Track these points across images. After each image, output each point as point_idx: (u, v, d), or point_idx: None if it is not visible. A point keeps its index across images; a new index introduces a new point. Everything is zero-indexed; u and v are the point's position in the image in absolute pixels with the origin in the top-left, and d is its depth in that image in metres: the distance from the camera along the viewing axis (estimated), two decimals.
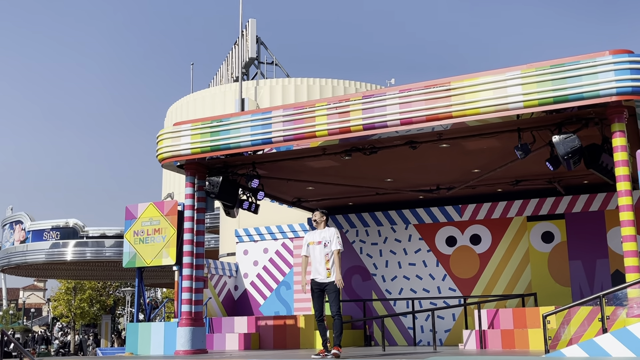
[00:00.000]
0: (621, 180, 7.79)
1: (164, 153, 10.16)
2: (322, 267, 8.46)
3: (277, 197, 13.11)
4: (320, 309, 8.49)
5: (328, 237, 8.58)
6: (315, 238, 8.65)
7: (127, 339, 10.72)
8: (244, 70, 28.72)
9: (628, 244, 7.64)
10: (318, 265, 8.51)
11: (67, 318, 45.30)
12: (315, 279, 8.51)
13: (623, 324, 6.99)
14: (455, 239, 13.16)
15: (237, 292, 14.74)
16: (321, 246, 8.54)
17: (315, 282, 8.52)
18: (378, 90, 9.06)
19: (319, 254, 8.54)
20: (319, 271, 8.49)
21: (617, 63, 7.56)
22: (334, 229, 8.69)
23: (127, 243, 11.30)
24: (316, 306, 8.51)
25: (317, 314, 8.49)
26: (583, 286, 11.97)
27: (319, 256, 8.54)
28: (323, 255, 8.50)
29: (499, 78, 8.10)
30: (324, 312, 8.53)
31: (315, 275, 8.53)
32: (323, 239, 8.56)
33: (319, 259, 8.52)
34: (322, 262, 8.48)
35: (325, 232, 8.65)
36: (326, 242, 8.54)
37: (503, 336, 10.11)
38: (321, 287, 8.49)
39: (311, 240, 8.68)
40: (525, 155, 8.58)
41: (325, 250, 8.51)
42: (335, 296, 8.38)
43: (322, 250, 8.52)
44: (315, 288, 8.52)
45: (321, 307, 8.50)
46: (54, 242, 26.34)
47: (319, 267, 8.50)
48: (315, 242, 8.61)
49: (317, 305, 8.50)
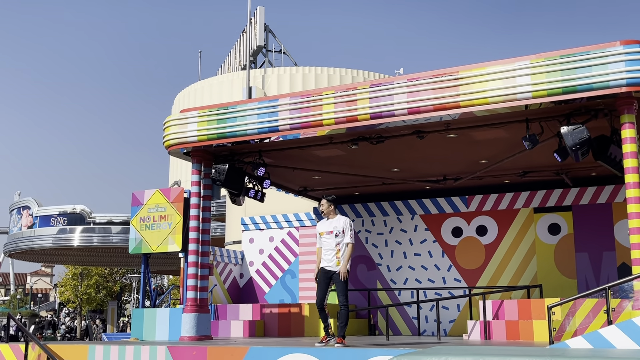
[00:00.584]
0: (629, 173, 7.74)
1: (170, 140, 10.16)
2: (333, 256, 8.37)
3: (283, 185, 13.10)
4: (322, 296, 8.42)
5: (340, 226, 8.44)
6: (326, 227, 8.51)
7: (132, 324, 10.79)
8: (251, 59, 28.64)
9: (635, 236, 7.60)
10: (329, 254, 8.42)
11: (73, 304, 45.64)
12: (325, 267, 8.43)
13: (628, 316, 6.97)
14: (461, 230, 13.13)
15: (242, 279, 14.78)
16: (332, 235, 8.42)
17: (324, 270, 8.43)
18: (386, 79, 9.01)
19: (329, 243, 8.43)
20: (328, 260, 8.40)
21: (628, 54, 7.49)
22: (346, 219, 8.53)
23: (133, 229, 11.33)
24: (319, 293, 8.43)
25: (318, 300, 8.43)
26: (589, 278, 11.93)
27: (329, 245, 8.43)
28: (334, 245, 8.39)
29: (507, 68, 8.04)
30: (325, 300, 8.47)
31: (324, 263, 8.44)
32: (335, 229, 8.43)
33: (330, 249, 8.42)
34: (334, 251, 8.38)
35: (336, 221, 8.51)
36: (338, 231, 8.41)
37: (507, 327, 10.10)
38: (329, 276, 8.41)
39: (322, 230, 8.55)
40: (533, 146, 8.53)
41: (337, 239, 8.38)
42: (343, 286, 8.29)
43: (333, 239, 8.41)
44: (322, 276, 8.43)
45: (324, 295, 8.43)
46: (61, 228, 26.48)
47: (329, 256, 8.41)
48: (327, 232, 8.48)
49: (321, 292, 8.42)
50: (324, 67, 27.52)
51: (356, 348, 7.58)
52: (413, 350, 6.52)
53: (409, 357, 5.85)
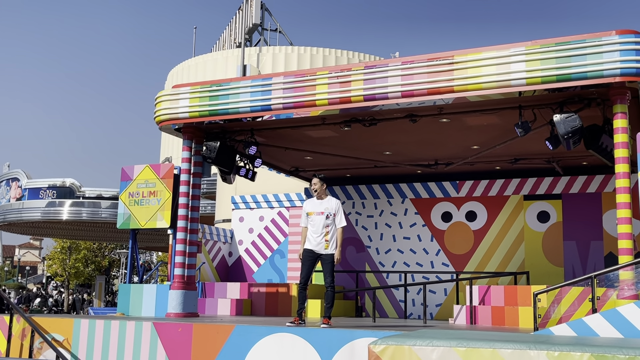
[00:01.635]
0: (620, 163, 7.77)
1: (162, 115, 10.10)
2: (321, 238, 8.23)
3: (275, 165, 13.09)
4: (307, 277, 8.30)
5: (332, 208, 8.28)
6: (317, 208, 8.33)
7: (118, 299, 10.79)
8: (247, 37, 28.43)
9: (623, 226, 7.65)
10: (317, 235, 8.25)
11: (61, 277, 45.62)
12: (311, 248, 8.28)
13: (613, 305, 7.03)
14: (450, 215, 13.17)
15: (231, 258, 14.80)
16: (323, 217, 8.25)
17: (310, 251, 8.29)
18: (380, 61, 8.98)
19: (319, 224, 8.26)
20: (316, 241, 8.25)
21: (623, 43, 7.48)
22: (337, 201, 8.41)
23: (121, 204, 11.30)
24: (304, 273, 8.30)
25: (302, 280, 8.30)
26: (576, 267, 12.03)
27: (318, 226, 8.26)
28: (323, 227, 8.24)
29: (502, 54, 8.02)
30: (309, 281, 8.39)
31: (311, 244, 8.28)
32: (326, 210, 8.27)
33: (319, 230, 8.25)
34: (322, 233, 8.23)
35: (328, 202, 8.35)
36: (329, 213, 8.25)
37: (493, 313, 10.17)
38: (314, 257, 8.29)
39: (311, 210, 8.35)
40: (525, 133, 8.54)
41: (327, 221, 8.24)
42: (331, 268, 8.21)
43: (323, 221, 8.24)
44: (308, 256, 8.30)
45: (308, 275, 8.33)
46: (50, 201, 26.37)
47: (317, 237, 8.25)
48: (317, 212, 8.30)
49: (306, 273, 8.29)
50: (320, 48, 27.36)
51: (342, 329, 7.62)
52: (398, 333, 6.56)
53: (394, 339, 5.89)
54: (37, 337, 8.89)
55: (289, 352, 7.45)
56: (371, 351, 5.87)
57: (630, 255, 7.55)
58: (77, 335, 8.76)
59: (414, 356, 5.68)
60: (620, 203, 7.70)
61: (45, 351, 8.81)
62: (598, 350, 5.19)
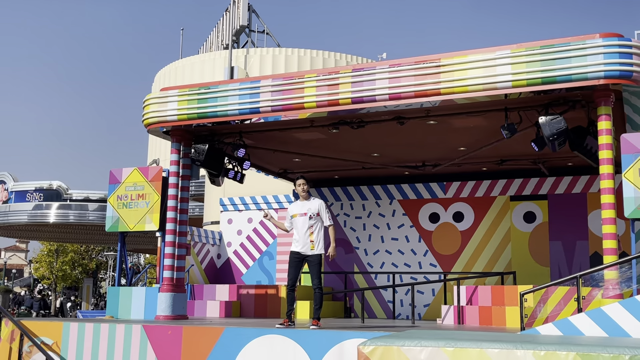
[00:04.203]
0: (604, 164, 7.86)
1: (150, 118, 10.10)
2: (306, 239, 8.31)
3: (263, 167, 13.12)
4: (294, 278, 8.38)
5: (315, 208, 8.40)
6: (300, 209, 8.44)
7: (107, 302, 10.77)
8: (234, 38, 28.46)
9: (607, 226, 7.74)
10: (301, 237, 8.35)
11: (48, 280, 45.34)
12: (298, 250, 8.36)
13: (598, 304, 7.13)
14: (438, 216, 13.26)
15: (219, 260, 14.81)
16: (306, 217, 8.37)
17: (296, 253, 8.37)
18: (368, 64, 9.04)
19: (302, 225, 8.36)
20: (302, 243, 8.34)
21: (606, 46, 7.57)
22: (321, 201, 8.51)
23: (110, 207, 11.27)
24: (291, 275, 8.37)
25: (290, 282, 8.37)
26: (562, 267, 12.15)
27: (302, 228, 8.36)
28: (307, 227, 8.33)
29: (488, 57, 8.10)
30: (297, 282, 8.47)
31: (297, 247, 8.37)
32: (308, 210, 8.38)
33: (303, 231, 8.35)
34: (307, 234, 8.32)
35: (310, 203, 8.46)
36: (312, 213, 8.36)
37: (481, 313, 10.26)
38: (301, 259, 8.37)
39: (295, 213, 8.47)
40: (511, 134, 8.63)
41: (310, 222, 8.35)
42: (318, 269, 8.30)
43: (306, 221, 8.35)
44: (294, 258, 8.39)
45: (296, 277, 8.42)
46: (36, 204, 26.23)
47: (301, 239, 8.34)
48: (300, 214, 8.41)
49: (293, 274, 8.37)
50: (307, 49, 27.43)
51: (331, 330, 7.67)
52: (387, 333, 6.62)
53: (383, 340, 5.94)
54: (26, 340, 8.86)
55: (278, 354, 7.49)
56: (360, 352, 5.92)
57: (615, 255, 7.65)
58: (67, 338, 8.74)
59: (403, 356, 5.74)
60: (605, 204, 7.80)
61: (35, 355, 8.79)
62: (583, 349, 5.27)
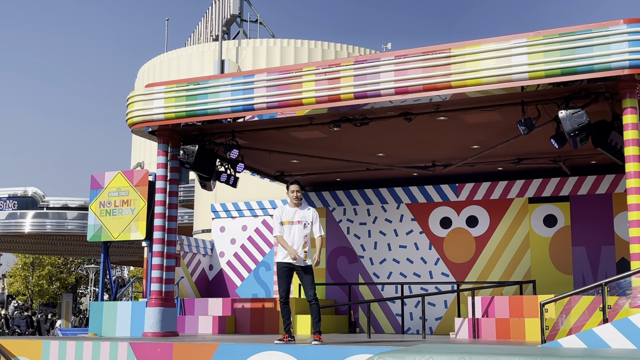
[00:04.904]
0: (630, 161, 7.90)
1: (134, 117, 10.16)
2: (300, 250, 8.40)
3: (258, 169, 13.16)
4: (287, 290, 8.50)
5: (309, 218, 8.50)
6: (293, 217, 8.50)
7: (90, 319, 10.82)
8: (224, 29, 28.52)
9: (635, 229, 7.78)
10: (295, 247, 8.40)
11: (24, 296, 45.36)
12: (289, 261, 8.41)
13: (626, 314, 7.16)
14: (450, 221, 13.31)
15: (212, 272, 14.86)
16: (300, 226, 8.44)
17: (288, 264, 8.45)
18: (372, 55, 9.10)
19: (297, 235, 8.42)
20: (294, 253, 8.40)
21: (631, 33, 7.62)
22: (314, 210, 8.65)
23: (92, 215, 11.33)
24: (283, 287, 8.47)
25: (282, 295, 8.46)
26: (586, 274, 12.18)
27: (297, 237, 8.42)
28: (302, 237, 8.41)
29: (503, 46, 8.15)
30: (289, 294, 8.57)
31: (287, 258, 8.42)
32: (303, 219, 8.47)
33: (298, 241, 8.41)
34: (301, 244, 8.40)
35: (304, 211, 8.54)
36: (306, 222, 8.46)
37: (498, 325, 10.30)
38: (293, 269, 8.48)
39: (287, 220, 8.51)
40: (528, 131, 8.67)
41: (305, 231, 8.43)
42: (312, 279, 8.41)
43: (301, 230, 8.43)
44: (285, 269, 8.48)
45: (289, 289, 8.54)
46: (10, 212, 26.28)
47: (296, 249, 8.40)
48: (294, 222, 8.47)
49: (285, 286, 8.48)
50: (305, 40, 27.52)
51: (335, 345, 7.71)
52: (395, 348, 6.66)
53: (391, 355, 5.99)
54: None
55: None
56: None
57: None
58: (47, 358, 8.77)
59: None
60: (632, 204, 7.84)
61: None
62: None
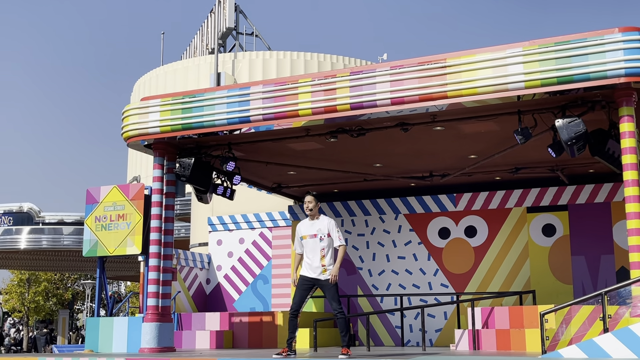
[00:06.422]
0: (628, 169, 7.92)
1: (130, 131, 10.17)
2: (318, 263, 8.27)
3: (255, 182, 13.17)
4: (299, 304, 8.37)
5: (325, 229, 8.36)
6: (309, 230, 8.40)
7: (86, 335, 10.78)
8: (220, 42, 28.58)
9: (634, 237, 7.79)
10: (312, 260, 8.30)
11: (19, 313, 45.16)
12: (308, 275, 8.32)
13: (626, 323, 7.16)
14: (448, 231, 13.30)
15: (209, 285, 14.82)
16: (316, 239, 8.33)
17: (306, 279, 8.33)
18: (367, 66, 9.13)
19: (313, 248, 8.31)
20: (312, 267, 8.30)
21: (626, 41, 7.67)
22: (330, 220, 8.47)
23: (87, 230, 11.32)
24: (297, 299, 8.36)
25: (293, 307, 8.35)
26: (586, 284, 12.17)
27: (313, 251, 8.30)
28: (318, 250, 8.28)
29: (498, 55, 8.19)
30: (301, 308, 8.47)
31: (307, 271, 8.33)
32: (319, 232, 8.35)
33: (314, 254, 8.30)
34: (318, 257, 8.27)
35: (319, 222, 8.42)
36: (322, 234, 8.33)
37: (498, 336, 10.28)
38: (311, 284, 8.33)
39: (304, 234, 8.43)
40: (525, 140, 8.70)
41: (322, 244, 8.30)
42: (335, 292, 8.23)
43: (317, 243, 8.31)
44: (303, 283, 8.34)
45: (301, 303, 8.41)
46: (5, 229, 26.23)
47: (312, 262, 8.30)
48: (310, 235, 8.38)
49: (299, 299, 8.35)
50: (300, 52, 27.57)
51: (333, 359, 7.69)
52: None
53: None
54: None
55: None
56: None
57: None
58: None
59: None
60: (630, 213, 7.85)
61: None
62: None
